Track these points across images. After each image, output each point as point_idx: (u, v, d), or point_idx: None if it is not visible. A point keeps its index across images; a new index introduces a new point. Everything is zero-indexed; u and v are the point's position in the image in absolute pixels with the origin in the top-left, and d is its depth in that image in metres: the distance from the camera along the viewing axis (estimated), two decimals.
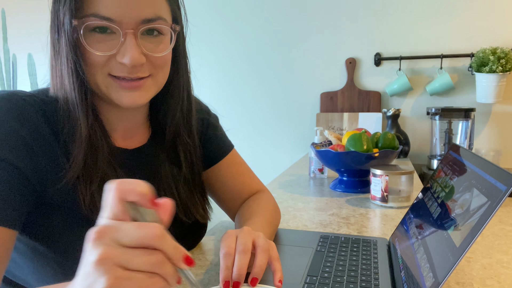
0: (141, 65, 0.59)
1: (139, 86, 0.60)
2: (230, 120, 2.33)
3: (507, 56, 1.70)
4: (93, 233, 0.34)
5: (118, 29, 0.56)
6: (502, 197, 0.39)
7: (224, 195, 0.84)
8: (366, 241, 0.76)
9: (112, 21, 0.55)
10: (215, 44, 2.32)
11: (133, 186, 0.36)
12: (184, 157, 0.73)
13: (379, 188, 1.06)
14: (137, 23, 0.56)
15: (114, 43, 0.57)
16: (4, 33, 2.79)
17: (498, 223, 0.92)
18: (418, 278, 0.50)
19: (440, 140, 1.86)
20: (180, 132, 0.72)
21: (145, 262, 0.34)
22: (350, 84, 2.08)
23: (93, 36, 0.56)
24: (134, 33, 0.57)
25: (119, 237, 0.34)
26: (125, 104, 0.60)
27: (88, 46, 0.56)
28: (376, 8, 2.02)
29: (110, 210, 0.36)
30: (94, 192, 0.60)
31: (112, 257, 0.33)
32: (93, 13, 0.55)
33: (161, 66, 0.62)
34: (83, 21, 0.55)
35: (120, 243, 0.34)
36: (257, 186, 0.87)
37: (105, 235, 0.34)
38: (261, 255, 0.54)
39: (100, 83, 0.59)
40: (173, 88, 0.70)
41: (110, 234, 0.34)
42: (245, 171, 0.86)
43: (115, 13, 0.55)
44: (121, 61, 0.57)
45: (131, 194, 0.36)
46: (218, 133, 0.84)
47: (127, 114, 0.68)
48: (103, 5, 0.54)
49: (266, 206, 0.79)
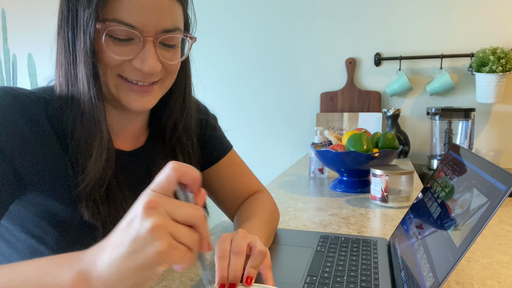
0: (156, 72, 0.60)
1: (150, 91, 0.62)
2: (230, 120, 2.33)
3: (507, 56, 1.70)
4: (148, 201, 0.37)
5: (139, 36, 0.57)
6: (502, 197, 0.39)
7: (223, 196, 0.84)
8: (366, 241, 0.76)
9: (134, 28, 0.56)
10: (215, 44, 2.32)
11: (190, 170, 0.41)
12: (182, 160, 0.73)
13: (379, 188, 1.06)
14: (157, 32, 0.58)
15: (132, 48, 0.58)
16: (4, 33, 2.79)
17: (498, 223, 0.92)
18: (418, 278, 0.50)
19: (440, 140, 1.86)
20: (179, 134, 0.73)
21: (189, 237, 0.39)
22: (350, 84, 2.08)
23: (111, 40, 0.57)
24: (154, 41, 0.58)
25: (172, 211, 0.38)
26: (133, 107, 0.61)
27: (107, 49, 0.57)
28: (376, 8, 2.02)
29: (162, 186, 0.39)
30: (96, 199, 0.60)
31: (167, 226, 0.37)
32: (115, 19, 0.55)
33: (172, 73, 0.64)
34: (106, 26, 0.55)
35: (172, 217, 0.38)
36: (256, 186, 0.86)
37: (160, 206, 0.38)
38: (257, 255, 0.55)
39: (110, 83, 0.60)
40: (174, 89, 0.70)
41: (164, 207, 0.38)
42: (244, 171, 0.86)
43: (138, 21, 0.56)
44: (138, 67, 0.58)
45: (188, 177, 0.41)
46: (217, 133, 0.84)
47: (130, 117, 0.68)
48: (127, 12, 0.55)
49: (265, 207, 0.79)
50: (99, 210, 0.60)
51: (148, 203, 0.37)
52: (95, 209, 0.59)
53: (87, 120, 0.59)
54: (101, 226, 0.60)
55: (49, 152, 0.58)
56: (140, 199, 0.38)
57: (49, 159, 0.58)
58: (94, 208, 0.59)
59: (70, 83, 0.59)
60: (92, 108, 0.58)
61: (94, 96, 0.58)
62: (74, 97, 0.59)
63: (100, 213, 0.60)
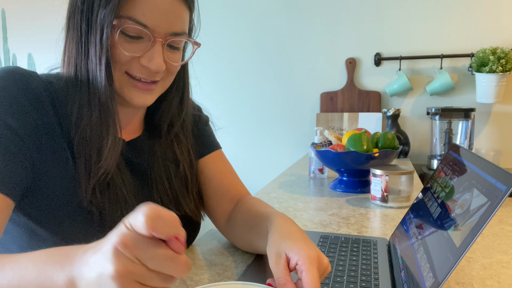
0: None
1: (152, 89, 0.65)
2: (230, 120, 2.33)
3: (507, 56, 1.70)
4: (118, 242, 0.34)
5: (149, 36, 0.60)
6: (502, 197, 0.39)
7: (208, 191, 0.80)
8: (366, 241, 0.76)
9: (146, 28, 0.59)
10: (215, 44, 2.32)
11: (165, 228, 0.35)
12: (180, 155, 0.75)
13: (379, 188, 1.06)
14: (166, 34, 0.61)
15: (141, 47, 0.61)
16: (4, 33, 2.79)
17: (498, 223, 0.92)
18: (418, 278, 0.50)
19: (440, 140, 1.86)
20: (176, 131, 0.75)
21: (160, 281, 0.35)
22: (350, 84, 2.08)
23: (123, 36, 0.60)
24: (162, 42, 0.61)
25: (144, 258, 0.34)
26: (135, 103, 0.64)
27: (119, 45, 0.59)
28: (376, 8, 2.02)
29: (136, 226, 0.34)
30: (96, 185, 0.62)
31: (132, 274, 0.34)
32: (130, 17, 0.58)
33: (173, 73, 0.67)
34: (121, 23, 0.58)
35: (142, 263, 0.35)
36: (245, 190, 0.83)
37: (130, 249, 0.34)
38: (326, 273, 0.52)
39: (116, 79, 0.62)
40: (173, 89, 0.74)
41: (136, 251, 0.34)
42: (233, 171, 0.84)
43: (151, 21, 0.59)
44: (145, 64, 0.61)
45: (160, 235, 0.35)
46: (208, 130, 0.86)
47: (130, 110, 0.71)
48: (142, 11, 0.58)
49: None
50: (98, 200, 0.62)
51: (119, 244, 0.34)
52: (94, 199, 0.61)
53: (100, 111, 0.61)
54: (99, 213, 0.62)
55: (50, 128, 0.60)
56: (114, 233, 0.35)
57: (51, 138, 0.60)
58: (94, 197, 0.61)
59: (80, 72, 0.61)
60: (107, 100, 0.61)
61: (107, 89, 0.60)
62: (83, 86, 0.61)
63: (100, 202, 0.62)
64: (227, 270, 0.67)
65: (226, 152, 0.90)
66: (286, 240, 0.54)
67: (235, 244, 0.77)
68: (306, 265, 0.48)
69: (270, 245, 0.55)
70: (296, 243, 0.52)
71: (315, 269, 0.48)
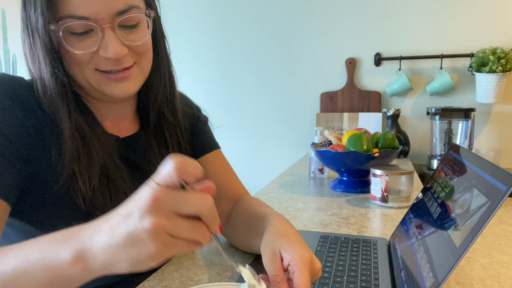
0: (124, 56, 0.61)
1: (127, 76, 0.62)
2: (230, 120, 2.33)
3: (507, 56, 1.70)
4: (151, 198, 0.36)
5: (95, 26, 0.57)
6: (502, 197, 0.39)
7: None
8: (366, 241, 0.76)
9: (88, 19, 0.56)
10: (215, 44, 2.32)
11: (193, 169, 0.38)
12: (169, 137, 0.75)
13: (379, 188, 1.06)
14: (111, 16, 0.58)
15: (94, 40, 0.58)
16: (4, 33, 2.79)
17: (498, 223, 0.92)
18: (418, 278, 0.50)
19: (440, 140, 1.86)
20: (164, 113, 0.74)
21: (190, 232, 0.37)
22: (350, 84, 2.08)
23: (72, 36, 0.58)
24: (111, 26, 0.58)
25: (176, 207, 0.36)
26: (117, 95, 0.63)
27: (69, 47, 0.58)
28: (376, 8, 2.02)
29: (165, 180, 0.37)
30: (95, 188, 0.61)
31: (165, 227, 0.36)
32: (67, 15, 0.56)
33: (144, 53, 0.64)
34: (60, 24, 0.56)
35: (175, 212, 0.37)
36: (243, 189, 0.84)
37: (162, 204, 0.36)
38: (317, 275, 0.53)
39: (90, 78, 0.61)
40: (154, 69, 0.71)
41: (167, 204, 0.36)
42: (232, 171, 0.84)
43: (89, 10, 0.56)
44: (104, 56, 0.59)
45: (189, 176, 0.38)
46: (207, 129, 0.85)
47: (117, 105, 0.70)
48: (75, 5, 0.56)
49: None
50: (98, 203, 0.62)
51: (152, 201, 0.36)
52: (95, 202, 0.61)
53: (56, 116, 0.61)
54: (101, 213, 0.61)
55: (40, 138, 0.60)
56: (144, 191, 0.37)
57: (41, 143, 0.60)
58: (94, 200, 0.61)
59: (40, 85, 0.61)
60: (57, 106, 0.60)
61: (57, 96, 0.60)
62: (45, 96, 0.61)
63: (100, 205, 0.62)
64: (227, 270, 0.67)
65: (226, 152, 0.90)
66: (282, 239, 0.54)
67: (234, 244, 0.76)
68: (299, 266, 0.48)
69: (265, 242, 0.55)
70: (292, 243, 0.52)
71: (307, 271, 0.48)
